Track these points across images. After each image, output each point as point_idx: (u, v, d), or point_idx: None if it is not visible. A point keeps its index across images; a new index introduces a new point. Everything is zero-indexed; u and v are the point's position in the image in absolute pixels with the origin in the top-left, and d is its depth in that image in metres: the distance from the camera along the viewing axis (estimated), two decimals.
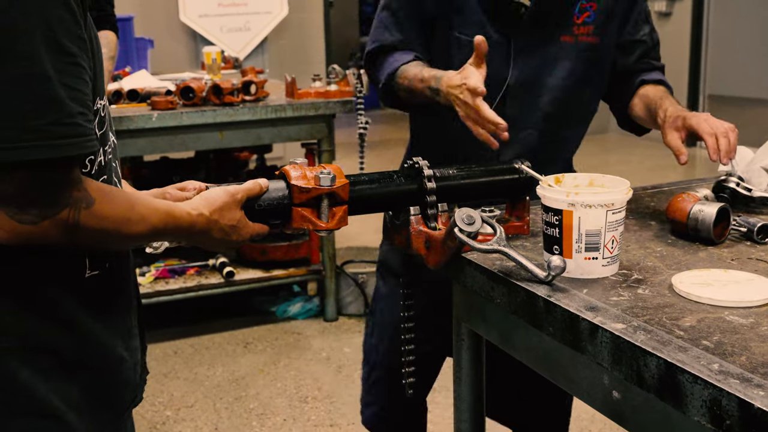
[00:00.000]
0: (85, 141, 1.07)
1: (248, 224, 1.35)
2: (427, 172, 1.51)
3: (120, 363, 1.26)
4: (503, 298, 1.37)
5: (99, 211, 1.11)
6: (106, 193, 1.13)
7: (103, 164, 1.21)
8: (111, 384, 1.25)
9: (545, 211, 1.38)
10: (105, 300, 1.23)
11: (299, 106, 3.66)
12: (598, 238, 1.34)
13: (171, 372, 3.56)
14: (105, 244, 1.17)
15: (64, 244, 1.12)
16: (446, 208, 1.53)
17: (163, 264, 3.97)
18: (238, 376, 3.51)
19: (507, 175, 1.59)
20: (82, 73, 1.08)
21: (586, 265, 1.35)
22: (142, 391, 1.35)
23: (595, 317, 1.18)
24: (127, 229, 1.15)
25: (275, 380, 3.48)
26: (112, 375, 1.25)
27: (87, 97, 1.08)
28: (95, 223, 1.11)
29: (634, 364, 1.10)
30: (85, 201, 1.10)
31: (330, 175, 1.40)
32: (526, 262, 1.33)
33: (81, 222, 1.10)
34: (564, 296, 1.27)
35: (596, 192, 1.38)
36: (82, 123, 1.06)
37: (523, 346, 1.44)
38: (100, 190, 1.12)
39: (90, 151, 1.08)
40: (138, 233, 1.17)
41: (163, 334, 3.91)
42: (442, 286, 1.73)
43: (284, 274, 3.99)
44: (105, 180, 1.21)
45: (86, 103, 1.08)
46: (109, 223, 1.12)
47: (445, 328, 1.76)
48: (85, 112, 1.07)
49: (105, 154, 1.22)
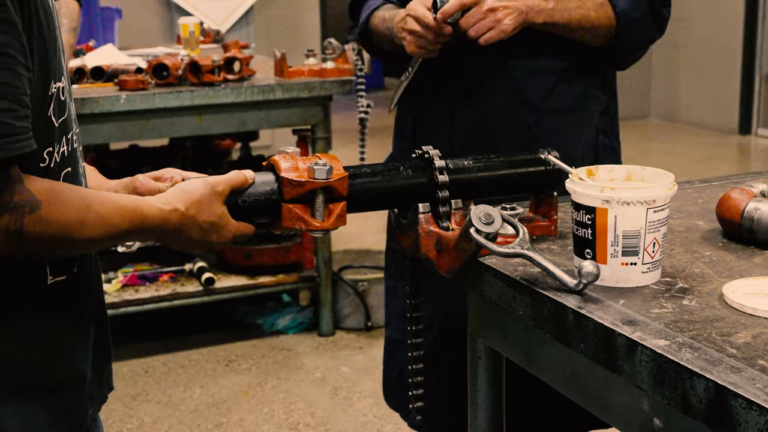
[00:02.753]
0: (13, 142, 1.07)
1: (231, 222, 1.35)
2: (439, 163, 1.51)
3: (82, 381, 1.26)
4: (526, 309, 1.37)
5: (46, 215, 1.12)
6: (56, 194, 1.13)
7: (66, 155, 1.21)
8: (72, 406, 1.26)
9: (576, 208, 1.38)
10: (69, 309, 1.23)
11: (290, 87, 3.67)
12: (637, 241, 1.34)
13: (141, 394, 3.57)
14: (56, 251, 1.18)
15: (8, 255, 1.12)
16: (461, 205, 1.53)
17: (131, 269, 3.98)
18: (219, 399, 3.52)
19: (531, 166, 1.59)
20: (9, 63, 1.08)
21: (623, 271, 1.35)
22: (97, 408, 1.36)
23: (634, 332, 1.18)
24: (81, 233, 1.15)
25: (261, 404, 3.49)
26: (73, 396, 1.25)
27: (18, 90, 1.09)
28: (42, 229, 1.11)
29: (678, 387, 1.10)
30: (28, 204, 1.10)
31: (326, 167, 1.40)
32: (553, 268, 1.32)
33: (25, 229, 1.10)
34: (597, 308, 1.27)
35: (635, 187, 1.37)
36: (9, 121, 1.07)
37: (550, 366, 1.44)
38: (48, 191, 1.13)
39: (20, 153, 1.08)
40: (95, 237, 1.17)
41: (132, 350, 3.92)
42: (455, 296, 1.73)
43: (272, 282, 3.99)
44: (69, 172, 1.21)
45: (16, 96, 1.08)
46: (59, 227, 1.13)
47: (458, 344, 1.76)
48: (14, 107, 1.08)
49: (68, 143, 1.22)
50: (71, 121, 1.24)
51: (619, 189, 1.34)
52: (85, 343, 1.29)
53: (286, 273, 4.04)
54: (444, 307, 2.08)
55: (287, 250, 4.06)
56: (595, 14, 2.02)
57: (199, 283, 3.92)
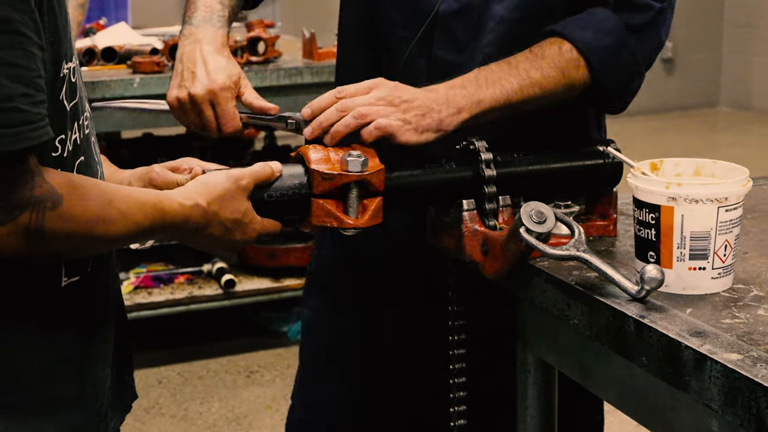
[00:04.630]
0: (30, 130, 1.08)
1: (256, 219, 1.36)
2: (486, 156, 1.51)
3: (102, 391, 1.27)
4: (582, 318, 1.36)
5: (68, 211, 1.12)
6: (76, 188, 1.14)
7: (78, 142, 1.22)
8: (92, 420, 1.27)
9: (638, 206, 1.37)
10: (85, 313, 1.24)
11: (320, 70, 3.67)
12: (707, 243, 1.33)
13: (154, 407, 3.59)
14: (77, 251, 1.19)
15: (26, 255, 1.13)
16: (509, 201, 1.53)
17: (144, 269, 4.00)
18: (239, 414, 3.53)
19: (588, 159, 1.59)
20: (23, 43, 1.08)
21: (690, 277, 1.34)
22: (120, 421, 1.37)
23: (702, 345, 1.18)
24: (104, 230, 1.16)
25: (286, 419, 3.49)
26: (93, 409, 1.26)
27: (32, 72, 1.09)
28: (64, 226, 1.12)
29: (752, 406, 1.09)
30: (50, 199, 1.11)
31: (360, 158, 1.40)
32: (612, 273, 1.32)
33: (46, 226, 1.11)
34: (661, 317, 1.26)
35: (704, 183, 1.37)
36: (25, 107, 1.07)
37: (607, 381, 1.44)
38: (68, 185, 1.13)
39: (39, 142, 1.09)
40: (117, 235, 1.18)
41: (145, 359, 3.94)
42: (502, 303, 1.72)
43: (299, 285, 4.00)
44: (82, 162, 1.22)
45: (31, 80, 1.08)
46: (81, 224, 1.13)
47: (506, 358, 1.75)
48: (30, 92, 1.08)
49: (80, 130, 1.22)
50: (83, 104, 1.25)
51: (686, 185, 1.33)
52: (105, 348, 1.29)
53: None
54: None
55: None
56: (540, 72, 1.63)
57: (218, 285, 3.93)
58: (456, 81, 1.59)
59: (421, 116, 1.54)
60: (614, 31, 1.65)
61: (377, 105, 1.52)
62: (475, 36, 1.71)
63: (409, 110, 1.54)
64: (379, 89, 1.55)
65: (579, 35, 1.64)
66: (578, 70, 1.64)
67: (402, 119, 1.52)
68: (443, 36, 1.72)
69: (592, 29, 1.65)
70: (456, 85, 1.59)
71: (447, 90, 1.58)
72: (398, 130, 1.51)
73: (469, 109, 1.57)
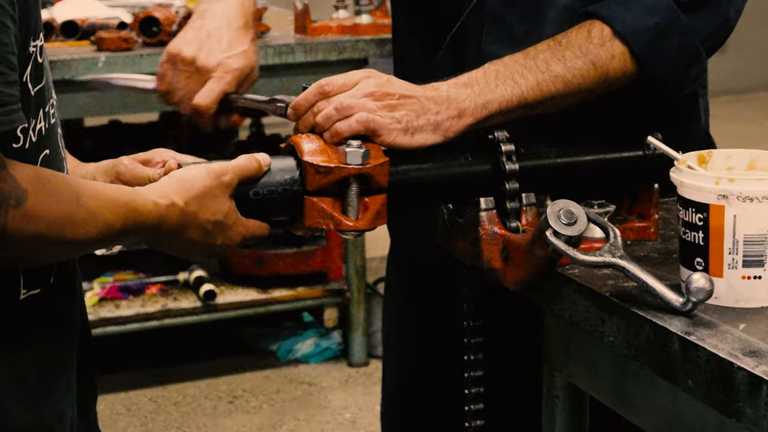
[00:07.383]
0: (2, 114, 1.08)
1: (240, 221, 1.36)
2: (507, 147, 1.51)
3: (63, 423, 1.27)
4: (619, 335, 1.36)
5: (33, 210, 1.12)
6: (43, 183, 1.14)
7: (43, 133, 1.21)
8: None
9: (683, 206, 1.38)
10: (46, 331, 1.24)
11: (314, 47, 3.68)
12: (763, 248, 1.33)
13: None
14: (42, 256, 1.18)
15: None
16: (534, 200, 1.53)
17: (110, 278, 3.99)
18: None
19: (625, 150, 1.59)
20: None
21: (744, 287, 1.35)
22: None
23: (758, 366, 1.18)
24: (73, 232, 1.16)
25: None
26: None
27: (6, 48, 1.09)
28: (29, 227, 1.12)
29: None
30: (13, 196, 1.10)
31: (361, 149, 1.41)
32: (653, 283, 1.32)
33: (8, 227, 1.10)
34: (710, 333, 1.26)
35: (760, 178, 1.37)
36: None
37: (647, 408, 1.44)
38: (35, 179, 1.13)
39: (8, 128, 1.09)
40: (86, 238, 1.18)
41: (112, 382, 3.94)
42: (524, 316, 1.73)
43: (290, 296, 4.00)
44: (47, 156, 1.22)
45: (4, 57, 1.08)
46: (47, 225, 1.13)
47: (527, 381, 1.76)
48: (3, 70, 1.08)
49: (46, 118, 1.22)
50: (49, 90, 1.25)
51: (739, 181, 1.33)
52: (66, 373, 1.29)
53: (308, 285, 4.05)
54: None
55: (309, 256, 4.06)
56: (562, 64, 1.60)
57: (196, 297, 3.93)
58: (462, 78, 1.59)
59: (414, 116, 1.53)
60: (662, 8, 1.61)
61: (363, 99, 1.52)
62: (534, 29, 1.72)
63: (400, 107, 1.53)
64: (367, 82, 1.55)
65: (618, 14, 1.61)
66: (614, 58, 1.61)
67: (390, 117, 1.52)
68: (494, 29, 1.73)
69: (636, 7, 1.62)
70: (461, 83, 1.59)
71: (449, 88, 1.58)
72: (383, 128, 1.50)
73: (473, 113, 1.56)
